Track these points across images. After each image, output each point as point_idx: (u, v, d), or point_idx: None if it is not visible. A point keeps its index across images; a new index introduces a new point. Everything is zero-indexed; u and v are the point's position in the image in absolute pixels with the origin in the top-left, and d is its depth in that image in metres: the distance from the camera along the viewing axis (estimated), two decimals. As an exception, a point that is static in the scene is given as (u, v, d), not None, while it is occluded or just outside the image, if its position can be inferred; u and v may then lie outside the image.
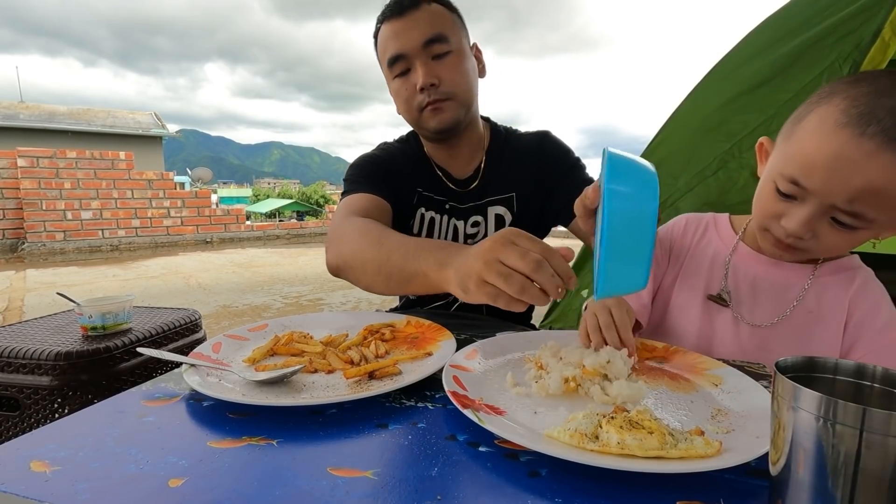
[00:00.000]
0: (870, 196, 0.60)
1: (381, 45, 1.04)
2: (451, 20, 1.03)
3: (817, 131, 0.63)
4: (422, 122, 1.05)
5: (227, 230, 9.59)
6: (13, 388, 1.13)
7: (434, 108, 1.01)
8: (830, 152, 0.61)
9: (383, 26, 1.02)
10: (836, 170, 0.61)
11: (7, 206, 7.81)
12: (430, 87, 0.99)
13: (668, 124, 1.87)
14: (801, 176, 0.64)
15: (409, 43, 0.98)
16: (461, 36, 1.04)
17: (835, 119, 0.61)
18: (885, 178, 0.58)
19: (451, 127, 1.04)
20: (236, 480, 0.42)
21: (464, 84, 1.03)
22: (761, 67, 1.56)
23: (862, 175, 0.59)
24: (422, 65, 0.99)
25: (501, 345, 0.72)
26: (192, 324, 1.46)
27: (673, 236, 0.90)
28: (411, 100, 1.02)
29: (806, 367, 0.39)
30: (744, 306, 0.79)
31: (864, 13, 1.42)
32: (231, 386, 0.61)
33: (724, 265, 0.82)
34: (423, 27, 0.98)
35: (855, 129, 0.59)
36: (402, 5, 1.00)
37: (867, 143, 0.58)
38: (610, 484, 0.42)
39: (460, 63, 1.02)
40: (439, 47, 0.99)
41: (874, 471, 0.30)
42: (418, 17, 0.99)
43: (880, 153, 0.58)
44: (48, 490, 0.41)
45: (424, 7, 1.00)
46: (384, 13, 1.02)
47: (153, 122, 16.80)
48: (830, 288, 0.75)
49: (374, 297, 4.67)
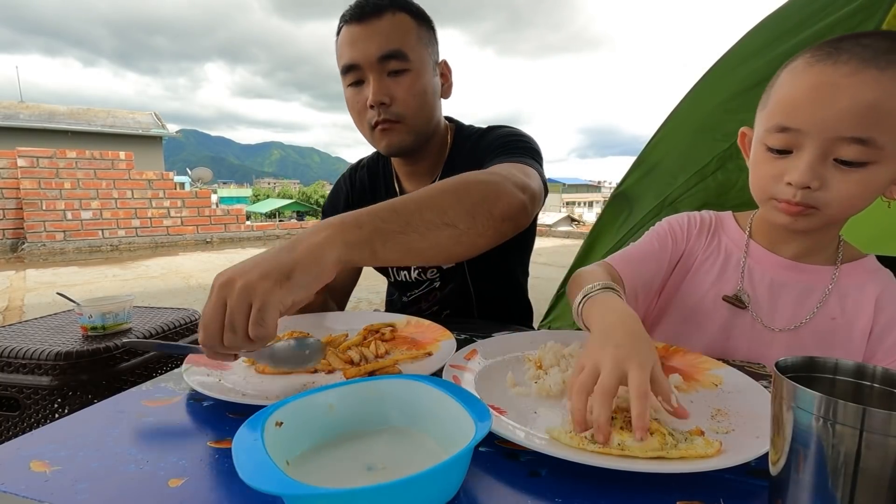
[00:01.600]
0: (866, 112, 0.57)
1: (339, 49, 0.96)
2: (415, 34, 0.95)
3: (790, 78, 0.63)
4: (373, 141, 1.00)
5: (227, 230, 9.59)
6: (13, 388, 1.13)
7: (383, 129, 0.96)
8: (808, 84, 0.60)
9: (343, 28, 0.94)
10: (819, 98, 0.59)
11: (7, 206, 7.81)
12: (381, 105, 0.93)
13: (667, 123, 1.87)
14: (787, 119, 0.62)
15: (364, 54, 0.91)
16: (425, 53, 0.96)
17: (804, 62, 0.61)
18: (873, 92, 0.56)
19: (399, 151, 0.99)
20: (236, 480, 0.42)
21: (416, 107, 0.96)
22: (759, 67, 1.56)
23: (847, 94, 0.57)
24: (375, 80, 0.92)
25: (501, 345, 0.72)
26: (192, 324, 1.46)
27: (678, 235, 0.86)
28: (363, 114, 0.96)
29: (806, 367, 0.39)
30: (762, 310, 0.75)
31: (861, 13, 1.42)
32: (231, 386, 0.61)
33: (738, 266, 0.78)
34: (381, 40, 0.91)
35: (827, 61, 0.59)
36: (363, 10, 0.92)
37: (843, 66, 0.58)
38: (610, 484, 0.42)
39: (417, 83, 0.94)
40: (396, 64, 0.92)
41: (874, 471, 0.30)
42: (378, 28, 0.91)
43: (859, 72, 0.57)
44: (48, 490, 0.41)
45: (388, 16, 0.92)
46: (345, 15, 0.94)
47: (153, 122, 16.80)
48: (853, 292, 0.72)
49: (374, 297, 4.67)
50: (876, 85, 0.56)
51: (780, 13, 1.62)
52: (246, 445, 0.38)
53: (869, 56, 0.57)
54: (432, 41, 1.00)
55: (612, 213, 1.94)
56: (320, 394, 0.48)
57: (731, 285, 0.78)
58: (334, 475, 0.43)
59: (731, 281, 0.78)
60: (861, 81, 0.57)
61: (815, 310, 0.72)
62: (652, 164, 1.87)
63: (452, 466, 0.38)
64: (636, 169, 1.91)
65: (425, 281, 1.13)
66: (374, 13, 0.91)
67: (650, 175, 1.87)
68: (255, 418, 0.42)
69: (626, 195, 1.92)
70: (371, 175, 1.17)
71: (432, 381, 0.49)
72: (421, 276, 1.12)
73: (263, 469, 0.35)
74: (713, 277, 0.80)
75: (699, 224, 0.85)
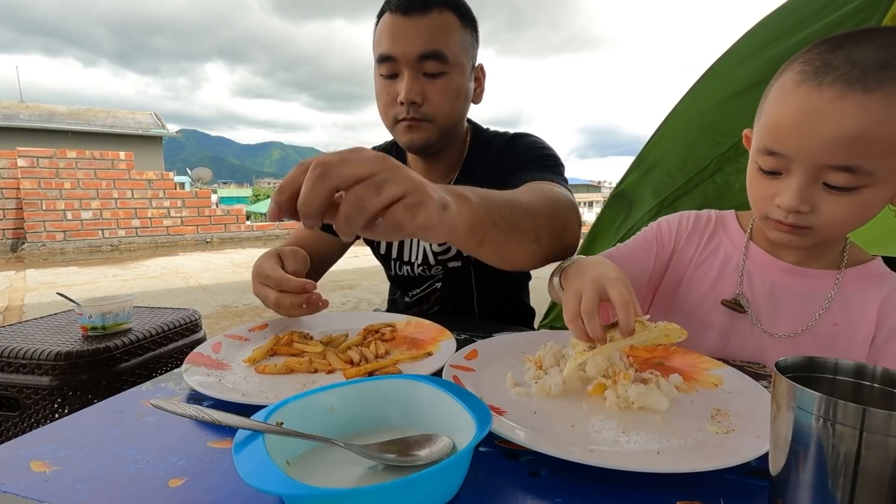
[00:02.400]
0: (851, 143, 0.56)
1: (377, 37, 0.94)
2: (458, 37, 0.92)
3: (778, 97, 0.62)
4: (394, 133, 0.99)
5: (227, 230, 9.59)
6: (13, 388, 1.13)
7: (409, 126, 0.94)
8: (793, 110, 0.59)
9: (386, 15, 0.91)
10: (803, 126, 0.58)
11: (7, 206, 7.80)
12: (412, 104, 0.92)
13: (666, 123, 1.87)
14: (774, 144, 0.61)
15: (404, 49, 0.89)
16: (464, 57, 0.95)
17: (792, 80, 0.60)
18: (857, 121, 0.55)
19: (422, 148, 0.98)
20: (236, 480, 0.42)
21: (448, 110, 0.95)
22: (757, 67, 1.56)
23: (830, 122, 0.56)
24: (410, 78, 0.90)
25: (501, 345, 0.72)
26: (192, 324, 1.46)
27: (664, 236, 0.85)
28: (390, 107, 0.95)
29: (806, 367, 0.39)
30: (762, 315, 0.74)
31: (860, 13, 1.42)
32: (231, 386, 0.61)
33: (737, 269, 0.77)
34: (423, 38, 0.88)
35: (812, 82, 0.57)
36: (408, 5, 0.89)
37: (828, 90, 0.56)
38: (610, 484, 0.42)
39: (452, 87, 0.93)
40: (434, 66, 0.90)
41: (874, 471, 0.30)
42: (423, 25, 0.88)
43: (843, 97, 0.55)
44: (48, 490, 0.41)
45: (434, 14, 0.89)
46: (391, 3, 0.91)
47: (153, 122, 16.80)
48: (856, 298, 0.70)
49: (374, 297, 4.67)
50: (861, 111, 0.55)
51: (780, 13, 1.62)
52: (246, 445, 0.38)
53: (856, 76, 0.55)
54: (473, 44, 0.97)
55: (612, 213, 1.94)
56: (320, 394, 0.48)
57: (730, 289, 0.77)
58: (334, 475, 0.43)
59: (730, 284, 0.77)
60: (845, 109, 0.55)
61: (816, 316, 0.71)
62: (651, 164, 1.87)
63: (452, 466, 0.38)
64: (635, 169, 1.91)
65: (427, 278, 1.12)
66: (420, 8, 0.88)
67: (649, 175, 1.87)
68: (254, 418, 0.42)
69: (626, 195, 1.92)
70: None
71: (432, 381, 0.49)
72: (425, 272, 1.10)
73: (264, 469, 0.35)
74: (711, 280, 0.79)
75: (692, 224, 0.84)
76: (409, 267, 1.12)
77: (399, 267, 1.13)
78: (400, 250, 1.12)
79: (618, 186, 2.00)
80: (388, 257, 1.14)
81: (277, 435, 0.41)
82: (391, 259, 1.13)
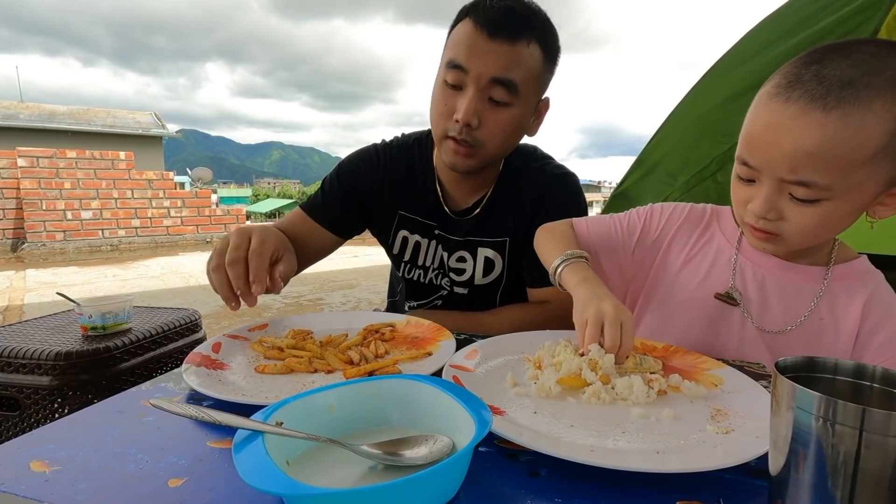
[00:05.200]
0: (806, 160, 0.58)
1: (454, 40, 0.87)
2: (538, 73, 0.89)
3: (755, 107, 0.64)
4: (440, 146, 0.95)
5: (227, 230, 9.58)
6: (13, 388, 1.13)
7: (457, 149, 0.90)
8: (762, 123, 0.62)
9: (469, 25, 0.85)
10: (769, 139, 0.61)
11: (7, 206, 7.80)
12: (466, 126, 0.87)
13: (667, 123, 1.87)
14: (746, 154, 0.64)
15: (478, 68, 0.84)
16: (535, 94, 0.91)
17: (767, 93, 0.62)
18: (812, 138, 0.57)
19: (464, 172, 0.95)
20: (236, 480, 0.42)
21: (500, 142, 0.92)
22: (758, 67, 1.56)
23: (791, 138, 0.59)
24: (474, 98, 0.86)
25: (501, 345, 0.72)
26: (192, 324, 1.46)
27: (651, 221, 0.86)
28: (444, 118, 0.90)
29: (806, 367, 0.39)
30: (753, 308, 0.76)
31: (861, 13, 1.42)
32: (231, 386, 0.61)
33: (729, 263, 0.79)
34: (502, 63, 0.84)
35: (782, 96, 0.60)
36: (498, 24, 0.83)
37: (792, 106, 0.59)
38: (610, 484, 0.42)
39: (512, 122, 0.90)
40: (502, 93, 0.86)
41: (874, 471, 0.30)
42: (505, 50, 0.84)
43: (804, 114, 0.58)
44: (48, 490, 0.41)
45: (521, 44, 0.84)
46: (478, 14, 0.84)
47: (153, 121, 16.80)
48: (842, 295, 0.73)
49: (374, 297, 4.67)
50: (817, 130, 0.57)
51: (781, 13, 1.62)
52: (246, 445, 0.38)
53: (819, 94, 0.57)
54: (548, 80, 0.94)
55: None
56: (320, 394, 0.48)
57: (722, 281, 0.79)
58: (334, 475, 0.43)
59: (722, 277, 0.79)
60: (803, 126, 0.58)
61: (806, 313, 0.73)
62: (652, 164, 1.87)
63: (452, 466, 0.38)
64: (636, 169, 1.91)
65: (435, 288, 1.09)
66: (508, 35, 0.83)
67: (650, 175, 1.87)
68: (254, 418, 0.42)
69: (627, 195, 1.92)
70: (408, 163, 1.07)
71: (432, 381, 0.49)
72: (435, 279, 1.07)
73: (263, 469, 0.35)
74: (703, 273, 0.80)
75: (685, 216, 0.85)
76: (421, 271, 1.09)
77: (409, 270, 1.10)
78: (415, 253, 1.08)
79: (619, 187, 2.00)
80: (399, 258, 1.10)
81: (277, 435, 0.41)
82: (403, 261, 1.10)
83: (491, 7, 0.84)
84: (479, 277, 1.03)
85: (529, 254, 0.96)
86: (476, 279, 1.03)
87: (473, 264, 1.03)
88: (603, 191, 61.81)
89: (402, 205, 1.06)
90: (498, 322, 0.95)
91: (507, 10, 0.84)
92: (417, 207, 1.05)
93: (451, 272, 1.05)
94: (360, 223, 1.10)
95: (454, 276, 1.05)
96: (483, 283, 1.03)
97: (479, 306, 1.03)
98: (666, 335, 0.80)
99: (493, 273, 1.03)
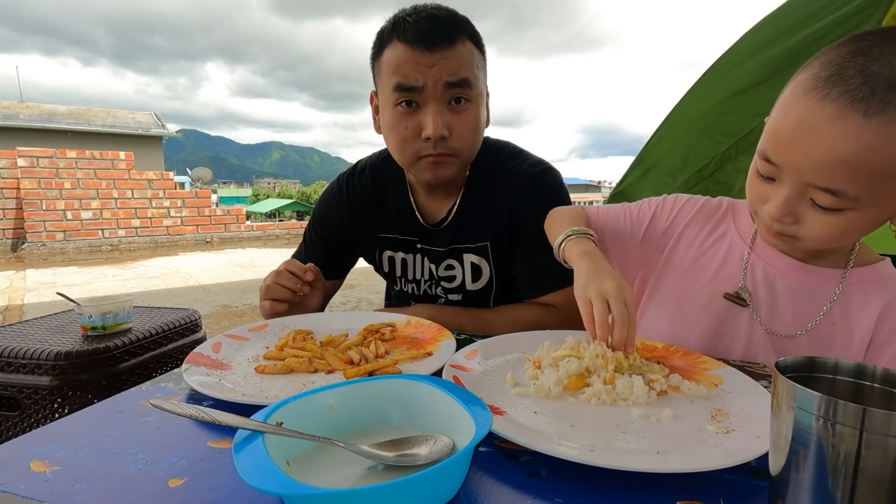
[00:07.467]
0: (837, 168, 0.53)
1: (390, 66, 0.87)
2: (478, 62, 0.90)
3: (787, 100, 0.58)
4: (415, 171, 0.94)
5: (227, 230, 9.59)
6: (13, 388, 1.13)
7: (435, 162, 0.90)
8: (793, 121, 0.56)
9: (398, 46, 0.85)
10: (797, 141, 0.55)
11: (7, 206, 7.81)
12: (441, 139, 0.87)
13: (666, 123, 1.87)
14: (770, 151, 0.59)
15: (432, 80, 0.84)
16: (482, 84, 0.92)
17: (802, 85, 0.56)
18: (847, 145, 0.52)
19: (446, 183, 0.96)
20: (236, 480, 0.42)
21: (472, 141, 0.92)
22: (757, 67, 1.56)
23: (823, 143, 0.53)
24: (436, 112, 0.86)
25: (501, 345, 0.72)
26: (192, 324, 1.46)
27: (661, 212, 0.83)
28: (411, 142, 0.89)
29: (806, 367, 0.39)
30: (762, 310, 0.73)
31: (861, 13, 1.42)
32: (231, 386, 0.61)
33: (741, 261, 0.75)
34: (452, 68, 0.85)
35: (819, 92, 0.53)
36: (431, 38, 0.83)
37: (829, 106, 0.52)
38: (610, 484, 0.42)
39: (475, 116, 0.90)
40: (461, 93, 0.87)
41: (874, 471, 0.30)
42: (450, 56, 0.84)
43: (842, 117, 0.52)
44: (48, 490, 0.41)
45: (459, 46, 0.85)
46: (404, 31, 0.85)
47: (153, 121, 16.80)
48: (857, 299, 0.69)
49: (374, 297, 4.67)
50: (855, 136, 0.52)
51: (780, 12, 1.62)
52: (246, 445, 0.38)
53: (863, 96, 0.51)
54: (485, 69, 0.95)
55: (612, 214, 1.95)
56: (320, 394, 0.48)
57: (733, 280, 0.75)
58: (334, 475, 0.43)
59: (733, 275, 0.76)
60: (839, 130, 0.52)
61: (818, 316, 0.70)
62: (651, 164, 1.87)
63: (452, 466, 0.38)
64: (635, 168, 1.92)
65: (432, 298, 1.09)
66: (446, 43, 0.84)
67: (649, 174, 1.87)
68: (254, 418, 0.42)
69: (626, 194, 1.93)
70: (376, 182, 1.07)
71: (432, 381, 0.49)
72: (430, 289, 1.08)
73: (263, 469, 0.35)
74: (713, 270, 0.77)
75: (698, 209, 0.82)
76: (413, 284, 1.09)
77: (403, 284, 1.11)
78: (403, 269, 1.09)
79: (618, 186, 2.00)
80: (391, 276, 1.12)
81: (277, 435, 0.41)
82: (395, 277, 1.11)
83: (416, 23, 0.85)
84: (470, 283, 1.04)
85: (530, 261, 0.97)
86: (467, 285, 1.04)
87: (462, 271, 1.03)
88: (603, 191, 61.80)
89: (379, 228, 1.07)
90: (501, 320, 0.95)
91: (433, 19, 0.85)
92: (394, 226, 1.06)
93: (442, 281, 1.05)
94: (347, 259, 1.14)
95: (446, 284, 1.05)
96: (474, 288, 1.04)
97: (500, 296, 1.04)
98: (670, 331, 0.78)
99: (482, 279, 1.03)
